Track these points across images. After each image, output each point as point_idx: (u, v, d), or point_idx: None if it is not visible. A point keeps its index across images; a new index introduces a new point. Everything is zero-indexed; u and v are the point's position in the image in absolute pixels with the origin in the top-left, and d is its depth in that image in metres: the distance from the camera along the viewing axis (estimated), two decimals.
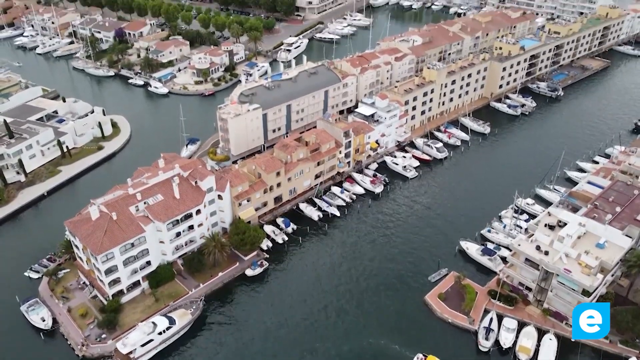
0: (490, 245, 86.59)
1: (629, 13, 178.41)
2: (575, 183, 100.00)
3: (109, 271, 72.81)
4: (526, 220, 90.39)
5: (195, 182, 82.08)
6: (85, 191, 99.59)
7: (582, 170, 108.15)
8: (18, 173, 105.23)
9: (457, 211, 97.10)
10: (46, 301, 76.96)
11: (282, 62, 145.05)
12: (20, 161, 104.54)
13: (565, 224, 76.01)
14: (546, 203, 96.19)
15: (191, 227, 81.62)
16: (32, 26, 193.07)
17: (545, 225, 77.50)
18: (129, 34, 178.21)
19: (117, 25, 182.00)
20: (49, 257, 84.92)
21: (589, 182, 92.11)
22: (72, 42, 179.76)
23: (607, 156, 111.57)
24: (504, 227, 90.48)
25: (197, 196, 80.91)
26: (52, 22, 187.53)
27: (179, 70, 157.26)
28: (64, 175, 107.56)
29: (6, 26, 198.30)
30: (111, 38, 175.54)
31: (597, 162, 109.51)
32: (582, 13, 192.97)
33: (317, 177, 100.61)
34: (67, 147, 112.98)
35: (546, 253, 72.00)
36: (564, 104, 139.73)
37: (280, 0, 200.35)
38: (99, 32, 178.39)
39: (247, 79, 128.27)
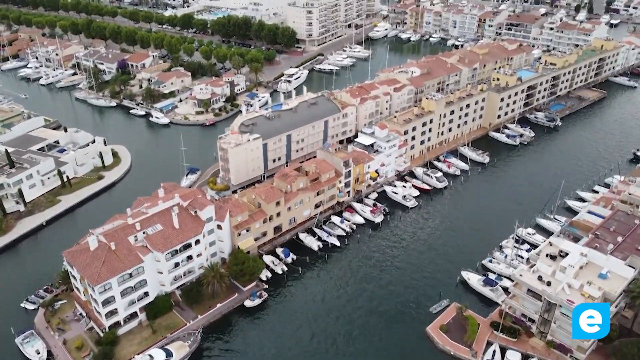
0: (491, 276, 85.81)
1: (623, 45, 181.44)
2: (575, 212, 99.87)
3: (106, 302, 71.86)
4: (527, 250, 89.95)
5: (195, 212, 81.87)
6: (84, 221, 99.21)
7: (582, 200, 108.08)
8: (17, 203, 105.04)
9: (457, 241, 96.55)
10: (42, 333, 75.69)
11: (282, 92, 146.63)
12: (20, 191, 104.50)
13: (567, 254, 75.43)
14: (547, 233, 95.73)
15: (190, 258, 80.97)
16: (37, 58, 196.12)
17: (547, 255, 76.99)
18: (132, 65, 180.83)
19: (120, 57, 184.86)
20: (46, 288, 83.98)
21: (590, 212, 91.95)
22: (75, 74, 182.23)
23: (607, 186, 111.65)
24: (505, 257, 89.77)
25: (196, 226, 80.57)
26: (56, 54, 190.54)
27: (181, 100, 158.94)
28: (64, 205, 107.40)
29: (11, 58, 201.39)
30: (114, 69, 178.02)
31: (596, 192, 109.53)
32: (577, 45, 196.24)
33: (317, 206, 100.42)
34: (67, 176, 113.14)
35: (548, 284, 71.25)
36: (562, 133, 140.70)
37: (281, 32, 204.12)
38: (102, 64, 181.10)
39: (247, 109, 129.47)
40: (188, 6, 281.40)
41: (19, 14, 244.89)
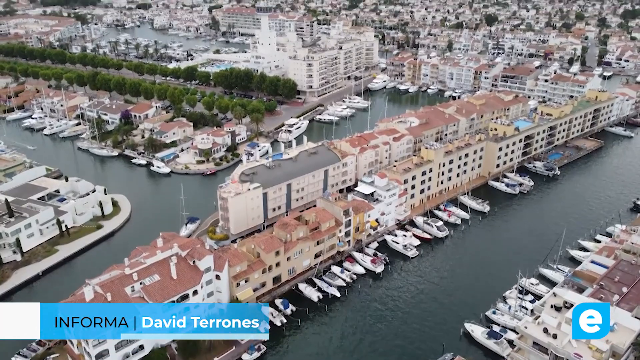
0: (496, 328, 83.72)
1: (617, 96, 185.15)
2: (578, 262, 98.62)
3: (100, 356, 69.79)
4: (531, 301, 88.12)
5: (193, 262, 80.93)
6: (81, 271, 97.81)
7: (584, 249, 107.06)
8: (15, 252, 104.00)
9: (460, 291, 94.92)
10: None
11: (283, 142, 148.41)
12: (17, 240, 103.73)
13: (572, 305, 73.86)
14: (550, 283, 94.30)
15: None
16: (42, 108, 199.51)
17: (552, 306, 75.37)
18: (135, 115, 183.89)
19: (123, 107, 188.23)
20: (39, 341, 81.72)
21: (593, 262, 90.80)
22: (78, 124, 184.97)
23: (609, 235, 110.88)
24: (509, 308, 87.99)
25: (194, 276, 79.42)
26: (61, 105, 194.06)
27: (182, 150, 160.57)
28: (61, 255, 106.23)
29: (16, 109, 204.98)
30: (117, 120, 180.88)
31: (599, 241, 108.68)
32: (572, 96, 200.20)
33: (316, 256, 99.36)
34: (66, 226, 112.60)
35: (554, 336, 69.34)
36: (561, 182, 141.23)
37: (282, 84, 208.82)
38: (106, 114, 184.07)
39: (248, 159, 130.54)
40: (192, 59, 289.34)
41: (26, 67, 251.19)
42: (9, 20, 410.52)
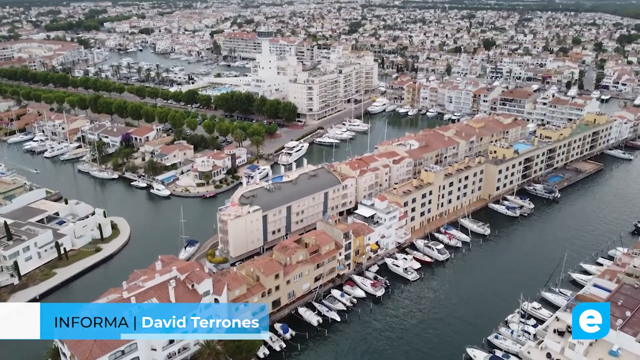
0: (498, 353, 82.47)
1: (615, 119, 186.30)
2: (580, 286, 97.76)
3: None
4: (534, 326, 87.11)
5: (192, 286, 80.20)
6: (79, 294, 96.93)
7: (586, 273, 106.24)
8: (12, 276, 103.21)
9: (461, 315, 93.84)
10: None
11: (283, 165, 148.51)
12: (15, 263, 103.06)
13: None
14: (553, 307, 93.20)
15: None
16: (43, 131, 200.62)
17: (555, 331, 74.59)
18: (136, 138, 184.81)
19: (124, 130, 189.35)
20: None
21: (595, 285, 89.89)
22: (79, 147, 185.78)
23: (611, 258, 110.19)
24: (512, 332, 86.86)
25: (192, 300, 78.56)
26: (63, 128, 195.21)
27: (182, 173, 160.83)
28: (59, 278, 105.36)
29: (18, 131, 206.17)
30: (118, 142, 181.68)
31: (601, 264, 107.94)
32: (570, 119, 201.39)
33: (316, 279, 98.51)
34: (64, 248, 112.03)
35: None
36: (561, 205, 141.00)
37: (282, 107, 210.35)
38: (107, 137, 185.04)
39: (248, 181, 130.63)
40: (193, 82, 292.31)
41: (29, 90, 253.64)
42: (13, 44, 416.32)
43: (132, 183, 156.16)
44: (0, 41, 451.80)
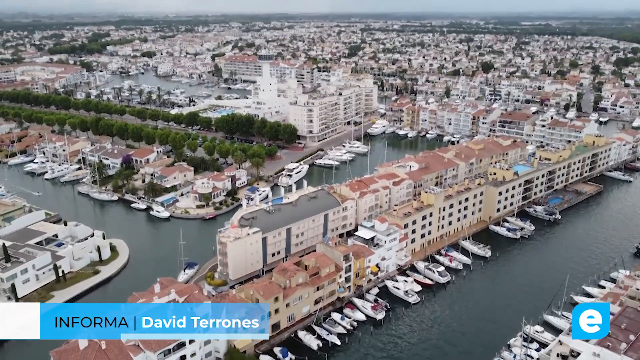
0: None
1: (614, 141, 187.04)
2: None
3: None
4: (537, 349, 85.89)
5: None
6: None
7: (589, 295, 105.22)
8: (9, 298, 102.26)
9: (463, 339, 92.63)
10: None
11: (283, 186, 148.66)
12: (13, 286, 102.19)
13: (579, 354, 71.93)
14: (555, 330, 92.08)
15: (184, 358, 77.13)
16: (44, 153, 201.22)
17: (558, 355, 73.46)
18: (136, 160, 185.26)
19: (125, 152, 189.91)
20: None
21: None
22: (80, 168, 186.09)
23: (613, 280, 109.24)
24: (514, 357, 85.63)
25: None
26: (63, 150, 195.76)
27: (182, 194, 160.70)
28: (57, 301, 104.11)
29: (19, 153, 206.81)
30: (118, 164, 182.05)
31: (603, 287, 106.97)
32: (569, 141, 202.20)
33: (316, 302, 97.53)
34: (62, 271, 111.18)
35: None
36: (562, 227, 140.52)
37: (282, 129, 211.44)
38: (107, 159, 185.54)
39: (248, 203, 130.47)
40: (194, 105, 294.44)
41: (31, 112, 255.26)
42: (16, 67, 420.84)
43: (132, 205, 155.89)
44: (3, 64, 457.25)
